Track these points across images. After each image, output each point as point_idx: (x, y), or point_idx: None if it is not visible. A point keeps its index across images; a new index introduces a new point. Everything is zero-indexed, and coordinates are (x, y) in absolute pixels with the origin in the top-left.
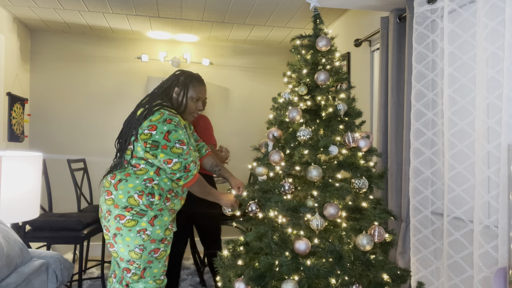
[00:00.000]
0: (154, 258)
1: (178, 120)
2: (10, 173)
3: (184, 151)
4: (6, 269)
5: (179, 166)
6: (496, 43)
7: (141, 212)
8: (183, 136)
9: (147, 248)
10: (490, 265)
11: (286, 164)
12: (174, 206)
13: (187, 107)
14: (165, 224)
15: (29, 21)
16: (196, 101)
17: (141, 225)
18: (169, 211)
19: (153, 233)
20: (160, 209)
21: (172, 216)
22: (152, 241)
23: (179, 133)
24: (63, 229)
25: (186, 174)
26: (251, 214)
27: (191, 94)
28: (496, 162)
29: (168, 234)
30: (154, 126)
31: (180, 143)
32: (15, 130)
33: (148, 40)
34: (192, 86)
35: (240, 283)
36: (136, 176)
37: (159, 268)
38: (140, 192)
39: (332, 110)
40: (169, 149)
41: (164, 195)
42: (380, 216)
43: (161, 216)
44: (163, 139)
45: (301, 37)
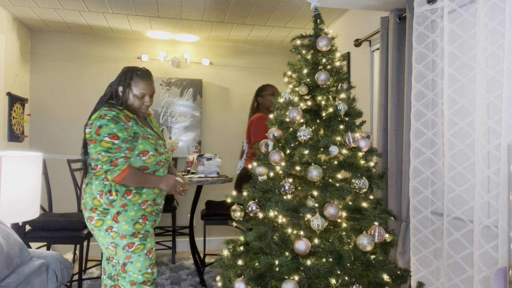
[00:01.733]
0: (132, 253)
1: (115, 114)
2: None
3: (114, 145)
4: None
5: (106, 159)
6: (496, 43)
7: (104, 211)
8: (115, 130)
9: (119, 244)
10: (490, 265)
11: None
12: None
13: (133, 105)
14: (132, 219)
15: (29, 21)
16: (141, 97)
17: (107, 223)
18: (139, 204)
19: (119, 229)
20: (123, 205)
21: (143, 209)
22: (122, 237)
23: (111, 127)
24: (63, 229)
25: (112, 168)
26: (251, 214)
27: (134, 92)
28: (496, 162)
29: (140, 228)
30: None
31: (110, 137)
32: (15, 130)
33: (148, 40)
34: (133, 83)
35: (240, 283)
36: (96, 177)
37: (141, 261)
38: (100, 192)
39: (332, 110)
40: (98, 142)
41: (121, 190)
42: (380, 216)
43: (125, 212)
44: (94, 134)
45: (301, 37)
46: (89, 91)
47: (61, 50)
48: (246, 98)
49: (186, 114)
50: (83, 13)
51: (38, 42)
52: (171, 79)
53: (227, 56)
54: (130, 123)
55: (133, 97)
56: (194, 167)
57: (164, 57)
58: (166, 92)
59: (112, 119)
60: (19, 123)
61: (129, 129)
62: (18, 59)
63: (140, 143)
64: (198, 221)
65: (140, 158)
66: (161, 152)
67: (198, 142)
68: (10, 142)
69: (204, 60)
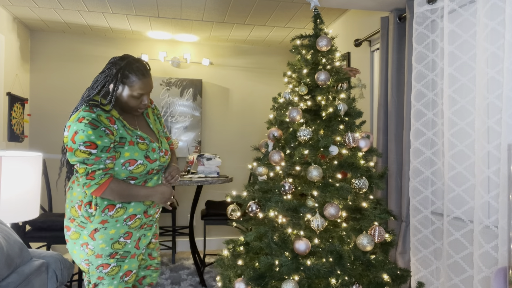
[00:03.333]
0: (105, 274)
1: (94, 116)
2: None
3: (91, 156)
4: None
5: (83, 171)
6: (496, 43)
7: (81, 224)
8: (93, 138)
9: (93, 263)
10: (490, 265)
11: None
12: (129, 211)
13: (128, 105)
14: (111, 238)
15: (29, 21)
16: (138, 97)
17: (83, 238)
18: (124, 220)
19: (95, 248)
20: (103, 221)
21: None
22: (97, 256)
23: (88, 133)
24: (63, 229)
25: (89, 181)
26: (251, 214)
27: (130, 92)
28: (496, 162)
29: (119, 248)
30: (69, 126)
31: (86, 145)
32: (15, 130)
33: (148, 40)
34: (129, 82)
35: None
36: (77, 183)
37: (115, 285)
38: (80, 202)
39: (332, 110)
40: (73, 152)
41: (102, 204)
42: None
43: (104, 230)
44: (70, 140)
45: (301, 37)
46: None
47: (61, 50)
48: (246, 98)
49: (186, 114)
50: (83, 13)
51: (38, 42)
52: (171, 79)
53: (227, 56)
54: (116, 126)
55: (128, 97)
56: (194, 167)
57: (164, 57)
58: (166, 92)
59: (90, 123)
60: (19, 123)
61: (114, 133)
62: (18, 59)
63: (126, 150)
64: (198, 221)
65: (125, 168)
66: (153, 158)
67: (198, 142)
68: (10, 142)
69: (204, 60)
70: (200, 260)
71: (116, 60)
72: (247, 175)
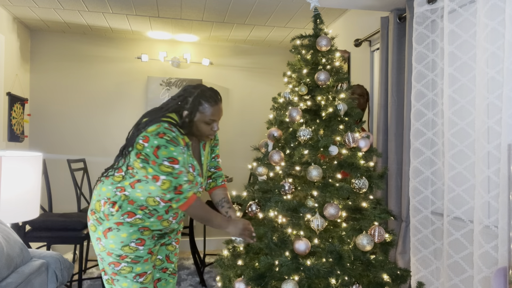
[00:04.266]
0: (117, 271)
1: (175, 136)
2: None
3: (175, 170)
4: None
5: (168, 186)
6: (496, 43)
7: (99, 219)
8: (175, 154)
9: (105, 259)
10: (490, 265)
11: (286, 164)
12: (145, 224)
13: (199, 130)
14: (122, 241)
15: (29, 21)
16: (210, 123)
17: (98, 233)
18: (139, 229)
19: (106, 245)
20: (118, 223)
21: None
22: (108, 253)
23: (170, 149)
24: (63, 229)
25: (178, 196)
26: (251, 214)
27: (203, 117)
28: (496, 162)
29: (129, 252)
30: (147, 138)
31: (170, 161)
32: (15, 130)
33: (148, 40)
34: (202, 109)
35: (240, 283)
36: (111, 181)
37: (128, 283)
38: (106, 199)
39: (332, 110)
40: (157, 166)
41: (125, 208)
42: (380, 216)
43: (117, 231)
44: (152, 154)
45: (301, 37)
46: (89, 91)
47: (61, 50)
48: (246, 98)
49: None
50: (83, 13)
51: (38, 42)
52: (171, 79)
53: (227, 56)
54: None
55: (201, 123)
56: None
57: (164, 57)
58: (166, 92)
59: (172, 140)
60: (19, 123)
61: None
62: (18, 59)
63: None
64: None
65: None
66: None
67: None
68: (10, 142)
69: (204, 60)
70: (200, 260)
71: (190, 88)
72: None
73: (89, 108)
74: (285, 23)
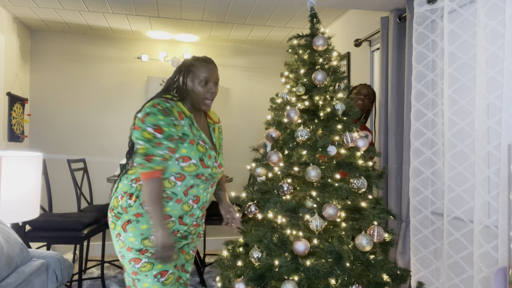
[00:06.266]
0: (138, 269)
1: (168, 106)
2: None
3: (155, 139)
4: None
5: (143, 152)
6: (496, 43)
7: (117, 214)
8: (162, 123)
9: (125, 256)
10: (490, 265)
11: (284, 165)
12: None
13: (196, 94)
14: (142, 233)
15: (29, 21)
16: (205, 83)
17: (117, 229)
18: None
19: (126, 240)
20: (137, 214)
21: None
22: (128, 249)
23: (158, 117)
24: (63, 229)
25: (146, 163)
26: (250, 215)
27: (196, 77)
28: (496, 162)
29: (149, 245)
30: (142, 110)
31: (153, 128)
32: (15, 130)
33: (148, 40)
34: (194, 68)
35: (240, 284)
36: (127, 176)
37: (149, 283)
38: (123, 193)
39: (330, 110)
40: (141, 130)
41: (142, 198)
42: (379, 216)
43: (136, 223)
44: (139, 120)
45: (298, 37)
46: (89, 91)
47: (61, 50)
48: (246, 98)
49: None
50: (83, 13)
51: (38, 42)
52: None
53: (227, 56)
54: (183, 122)
55: (196, 84)
56: None
57: (164, 57)
58: None
59: (163, 110)
60: (19, 123)
61: (179, 127)
62: (18, 59)
63: (185, 146)
64: None
65: (178, 163)
66: (207, 164)
67: None
68: (10, 142)
69: None
70: (200, 260)
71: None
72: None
73: (89, 108)
74: (285, 23)
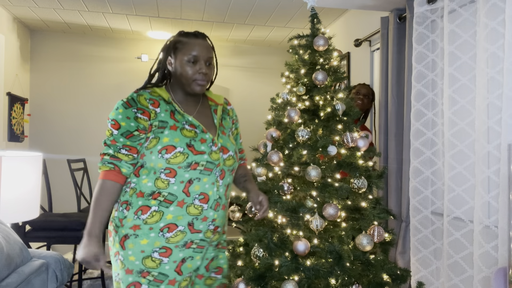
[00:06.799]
0: None
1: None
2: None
3: (111, 137)
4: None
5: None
6: (496, 43)
7: (115, 228)
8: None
9: (123, 280)
10: (490, 265)
11: (285, 165)
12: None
13: (184, 75)
14: (142, 250)
15: (29, 21)
16: (193, 62)
17: (115, 246)
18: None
19: (125, 260)
20: (134, 227)
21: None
22: (127, 271)
23: (118, 112)
24: (63, 229)
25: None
26: (250, 215)
27: (181, 55)
28: (496, 162)
29: (152, 266)
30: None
31: (111, 123)
32: (15, 130)
33: (148, 40)
34: (179, 45)
35: (240, 284)
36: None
37: None
38: (119, 201)
39: (330, 110)
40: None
41: (136, 203)
42: (379, 216)
43: (134, 238)
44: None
45: (298, 37)
46: (89, 91)
47: (61, 50)
48: (246, 98)
49: None
50: (83, 13)
51: (38, 42)
52: None
53: (227, 56)
54: (158, 109)
55: (182, 64)
56: None
57: None
58: None
59: (126, 102)
60: (19, 123)
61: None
62: (18, 59)
63: (166, 134)
64: None
65: (162, 156)
66: (199, 150)
67: None
68: (10, 142)
69: None
70: None
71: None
72: None
73: (89, 108)
74: (285, 23)
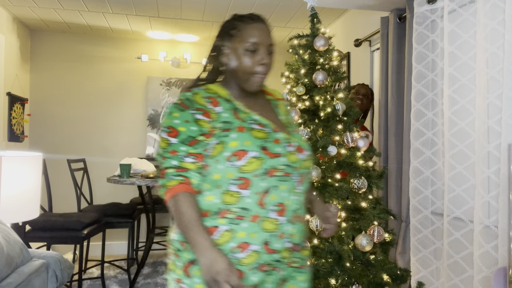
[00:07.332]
0: None
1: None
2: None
3: (169, 147)
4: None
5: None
6: (496, 43)
7: (177, 252)
8: (176, 122)
9: None
10: (490, 265)
11: None
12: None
13: (241, 68)
14: None
15: (29, 21)
16: (252, 51)
17: (177, 272)
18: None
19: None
20: None
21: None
22: None
23: (173, 116)
24: (63, 229)
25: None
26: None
27: (238, 43)
28: (496, 162)
29: None
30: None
31: (167, 131)
32: (15, 130)
33: (148, 40)
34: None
35: None
36: None
37: None
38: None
39: (330, 110)
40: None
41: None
42: (379, 216)
43: None
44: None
45: (298, 37)
46: (89, 91)
47: (61, 50)
48: None
49: None
50: (83, 13)
51: (38, 42)
52: (171, 79)
53: None
54: (219, 108)
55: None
56: None
57: (164, 57)
58: (166, 92)
59: (181, 103)
60: (19, 123)
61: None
62: (18, 59)
63: (233, 138)
64: None
65: (232, 163)
66: (275, 152)
67: None
68: (10, 142)
69: (204, 60)
70: None
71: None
72: None
73: (89, 108)
74: (285, 23)
